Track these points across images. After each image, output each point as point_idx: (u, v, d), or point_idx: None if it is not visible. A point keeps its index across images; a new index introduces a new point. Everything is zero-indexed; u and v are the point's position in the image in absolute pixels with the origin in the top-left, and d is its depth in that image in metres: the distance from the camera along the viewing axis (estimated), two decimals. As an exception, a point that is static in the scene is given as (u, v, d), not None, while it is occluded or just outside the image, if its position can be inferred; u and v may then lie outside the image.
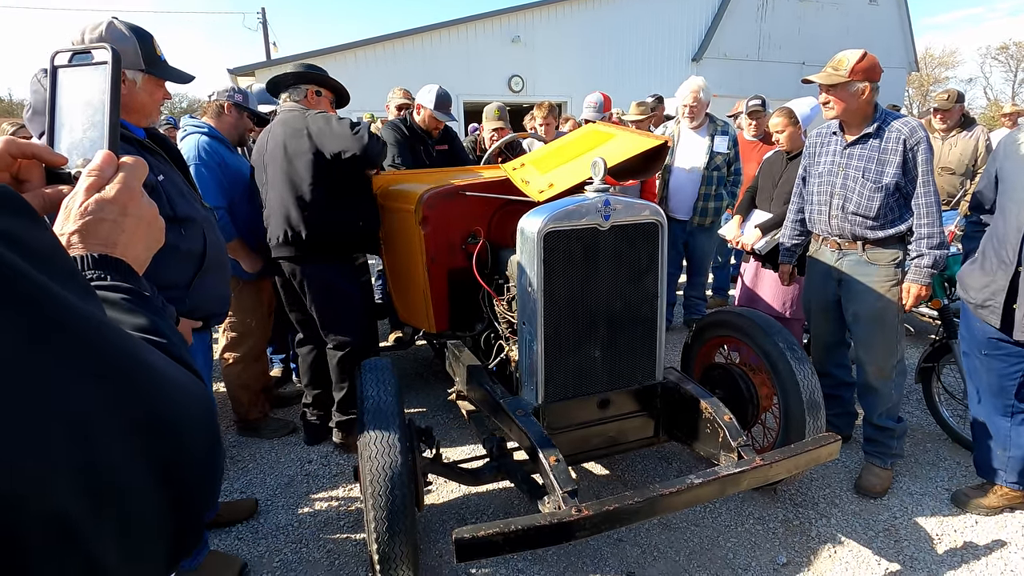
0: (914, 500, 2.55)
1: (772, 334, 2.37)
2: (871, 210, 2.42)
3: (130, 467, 0.38)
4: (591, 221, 2.00)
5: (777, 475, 1.92)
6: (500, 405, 2.15)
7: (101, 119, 0.67)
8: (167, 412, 0.42)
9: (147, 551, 0.39)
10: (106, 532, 0.36)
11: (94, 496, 0.35)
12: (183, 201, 1.81)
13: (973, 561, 2.20)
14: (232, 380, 3.10)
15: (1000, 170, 2.23)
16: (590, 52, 12.69)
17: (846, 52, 2.40)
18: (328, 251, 2.77)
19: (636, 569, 2.18)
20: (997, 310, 2.14)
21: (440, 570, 2.18)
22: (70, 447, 0.34)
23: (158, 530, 0.40)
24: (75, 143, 0.68)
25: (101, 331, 0.40)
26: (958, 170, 4.67)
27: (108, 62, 0.67)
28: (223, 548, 2.32)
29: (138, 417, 0.39)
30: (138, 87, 1.72)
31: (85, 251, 0.55)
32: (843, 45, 2.77)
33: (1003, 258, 2.13)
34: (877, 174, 2.39)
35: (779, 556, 2.23)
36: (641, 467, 2.82)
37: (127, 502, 0.37)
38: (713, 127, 4.21)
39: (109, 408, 0.37)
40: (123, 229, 0.59)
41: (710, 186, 4.17)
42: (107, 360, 0.39)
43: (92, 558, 0.35)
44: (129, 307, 0.53)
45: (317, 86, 2.81)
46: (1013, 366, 2.24)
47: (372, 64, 11.31)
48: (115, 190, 0.60)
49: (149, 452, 0.39)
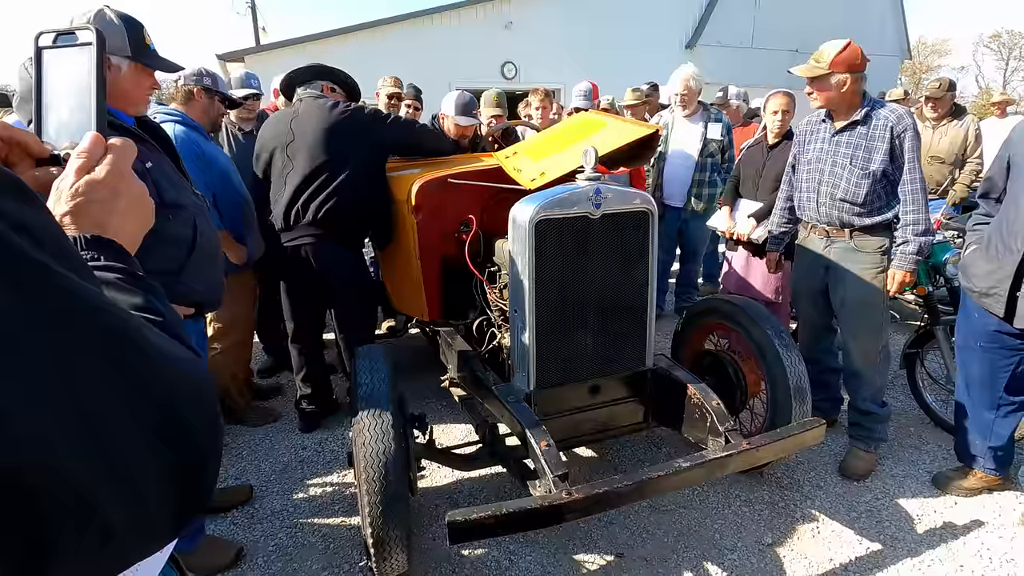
0: (896, 482, 2.62)
1: (761, 321, 2.41)
2: (858, 196, 2.45)
3: (135, 439, 0.40)
4: (582, 209, 2.02)
5: (763, 458, 1.97)
6: (492, 391, 2.19)
7: (88, 101, 0.67)
8: (168, 386, 0.44)
9: (152, 519, 0.42)
10: (115, 500, 0.38)
11: (104, 467, 0.37)
12: (171, 188, 1.82)
13: (951, 540, 2.26)
14: (219, 369, 3.11)
15: (1013, 155, 2.17)
16: (584, 39, 12.59)
17: (829, 43, 2.41)
18: (357, 235, 2.94)
19: (626, 550, 2.23)
20: (1002, 298, 2.13)
21: (433, 553, 2.22)
22: (78, 421, 0.36)
23: (162, 500, 0.42)
24: (63, 125, 0.68)
25: (103, 309, 0.42)
26: (947, 159, 4.71)
27: (92, 43, 0.67)
28: (218, 533, 2.35)
29: (142, 392, 0.41)
30: (123, 74, 1.71)
31: (78, 232, 0.56)
32: (836, 32, 2.79)
33: (1011, 246, 2.10)
34: (864, 161, 2.42)
35: (764, 536, 2.29)
36: (631, 451, 2.87)
37: (133, 473, 0.39)
38: (707, 114, 4.23)
39: (114, 384, 0.39)
40: (114, 210, 0.60)
41: (704, 172, 4.20)
42: (109, 337, 0.41)
43: (104, 524, 0.37)
44: (124, 286, 0.54)
45: (331, 82, 2.89)
46: (1007, 359, 2.26)
47: (363, 50, 11.17)
48: (105, 171, 0.60)
49: (153, 425, 0.41)
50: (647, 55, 12.44)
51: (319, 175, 2.72)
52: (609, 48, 12.69)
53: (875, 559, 2.17)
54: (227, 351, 3.07)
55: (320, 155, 2.71)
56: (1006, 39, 32.60)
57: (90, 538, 0.37)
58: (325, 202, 2.73)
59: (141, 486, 0.40)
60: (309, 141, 2.72)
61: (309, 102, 2.82)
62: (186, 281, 1.87)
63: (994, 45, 33.25)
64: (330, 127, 2.71)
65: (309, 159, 2.72)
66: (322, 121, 2.72)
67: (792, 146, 2.83)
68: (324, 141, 2.70)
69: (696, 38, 13.84)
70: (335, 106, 2.76)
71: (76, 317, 0.38)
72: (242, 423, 3.19)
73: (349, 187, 2.74)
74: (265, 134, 2.91)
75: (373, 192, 2.84)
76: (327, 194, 2.73)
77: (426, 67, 10.89)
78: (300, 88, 2.91)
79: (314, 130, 2.72)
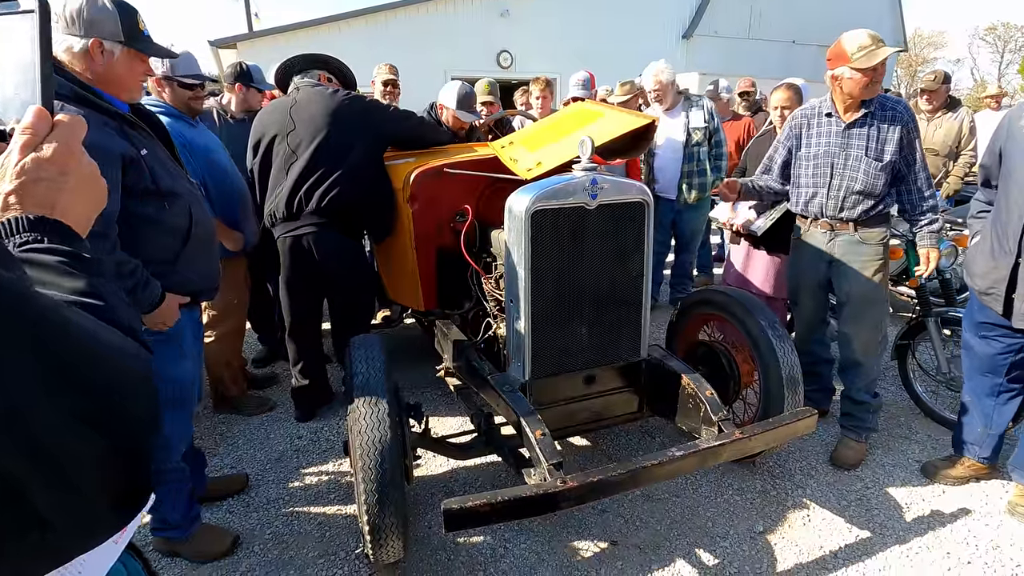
0: (886, 471, 2.65)
1: (755, 313, 2.43)
2: (876, 188, 2.48)
3: (54, 424, 0.39)
4: (578, 200, 2.02)
5: (756, 448, 1.99)
6: (488, 381, 2.19)
7: (33, 74, 0.64)
8: (96, 372, 0.43)
9: (89, 507, 0.41)
10: (42, 484, 0.37)
11: (23, 451, 0.37)
12: (167, 175, 1.80)
13: (939, 528, 2.30)
14: (213, 357, 3.11)
15: (1003, 149, 2.20)
16: (580, 28, 12.51)
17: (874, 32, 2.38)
18: (358, 225, 2.94)
19: (619, 538, 2.25)
20: (1000, 298, 2.17)
21: (429, 540, 2.24)
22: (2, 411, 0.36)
23: (98, 485, 0.42)
24: (8, 100, 0.65)
25: (24, 298, 0.41)
26: (941, 151, 4.73)
27: (35, 10, 0.64)
28: (215, 522, 2.36)
29: (62, 377, 0.40)
30: (116, 59, 1.70)
31: (21, 212, 0.54)
32: (834, 24, 2.78)
33: (1004, 247, 2.13)
34: (879, 152, 2.45)
35: (756, 525, 2.32)
36: (625, 441, 2.89)
37: (58, 457, 0.39)
38: (688, 103, 4.21)
39: (28, 369, 0.38)
40: (62, 189, 0.58)
41: (692, 162, 4.19)
42: (24, 323, 0.39)
43: (35, 509, 0.37)
44: (65, 270, 0.52)
45: (327, 71, 2.89)
46: (1008, 348, 2.30)
47: (357, 37, 11.06)
48: (52, 149, 0.58)
49: (77, 410, 0.41)
50: (644, 45, 12.37)
51: (322, 163, 2.70)
52: (606, 38, 12.61)
53: (864, 547, 2.21)
54: (221, 338, 3.07)
55: (324, 142, 2.69)
56: (1001, 32, 32.64)
57: (25, 525, 0.36)
58: (328, 191, 2.71)
59: (70, 471, 0.39)
60: (312, 128, 2.70)
61: (307, 90, 2.79)
62: (181, 270, 1.86)
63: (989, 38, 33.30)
64: (333, 113, 2.69)
65: (312, 146, 2.70)
66: (325, 108, 2.70)
67: (783, 134, 2.80)
68: (327, 127, 2.69)
69: (693, 28, 13.77)
70: (336, 92, 2.75)
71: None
72: (237, 412, 3.20)
73: (352, 176, 2.73)
74: (263, 121, 2.88)
75: (374, 183, 2.82)
76: (331, 183, 2.71)
77: (421, 55, 10.82)
78: (297, 77, 2.89)
79: (316, 116, 2.70)
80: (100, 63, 1.66)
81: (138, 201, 1.71)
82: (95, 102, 1.64)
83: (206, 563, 2.14)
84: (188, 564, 2.13)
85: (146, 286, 1.70)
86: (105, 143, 1.61)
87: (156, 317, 1.77)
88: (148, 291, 1.71)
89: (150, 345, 1.94)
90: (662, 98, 4.14)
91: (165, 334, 1.84)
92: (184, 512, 2.11)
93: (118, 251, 1.64)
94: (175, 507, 2.08)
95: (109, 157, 1.60)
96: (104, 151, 1.59)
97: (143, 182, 1.71)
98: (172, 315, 1.82)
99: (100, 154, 1.59)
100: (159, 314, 1.77)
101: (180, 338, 1.92)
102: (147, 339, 1.89)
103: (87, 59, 1.65)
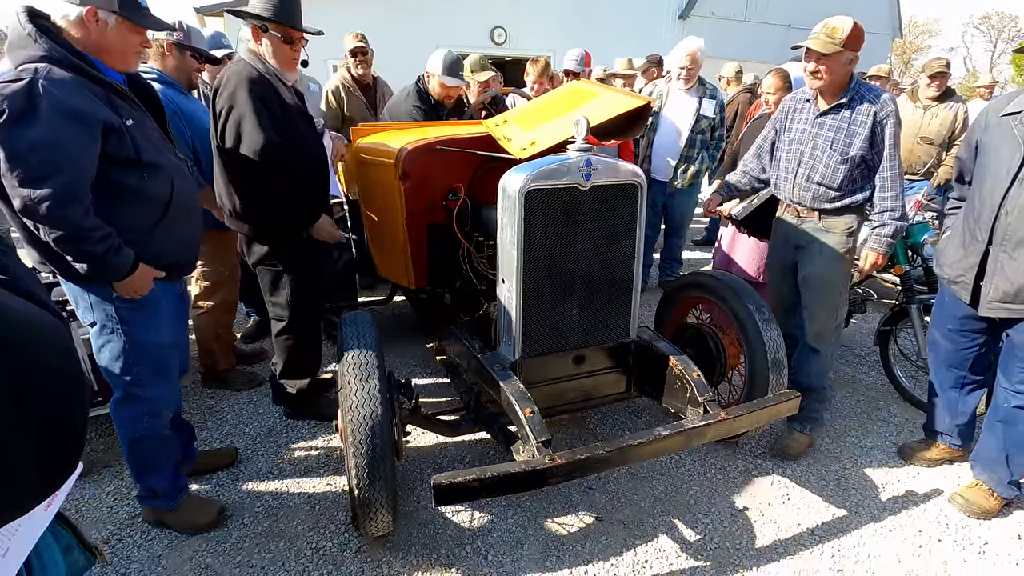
0: (864, 453, 2.73)
1: (742, 296, 2.45)
2: (834, 181, 2.44)
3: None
4: (572, 180, 2.02)
5: (740, 428, 2.03)
6: (478, 360, 2.21)
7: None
8: (3, 343, 0.44)
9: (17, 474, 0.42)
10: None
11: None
12: (150, 147, 1.81)
13: (912, 507, 2.38)
14: (204, 329, 3.09)
15: (979, 141, 2.21)
16: (575, 6, 12.29)
17: (837, 19, 2.30)
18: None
19: (604, 514, 2.30)
20: (968, 286, 2.20)
21: (418, 515, 2.27)
22: None
23: (20, 454, 0.42)
24: None
25: None
26: (936, 140, 4.76)
27: None
28: (204, 495, 2.37)
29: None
30: (110, 28, 1.70)
31: None
32: (830, 8, 2.75)
33: (976, 235, 2.15)
34: (844, 145, 2.40)
35: (737, 503, 2.38)
36: (612, 420, 2.94)
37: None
38: (702, 90, 4.20)
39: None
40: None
41: (691, 148, 4.20)
42: None
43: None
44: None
45: (256, 20, 2.37)
46: (972, 342, 2.35)
47: (350, 10, 10.79)
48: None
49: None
50: (639, 24, 12.22)
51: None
52: (601, 16, 12.42)
53: (840, 524, 2.28)
54: (212, 311, 3.05)
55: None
56: (996, 21, 32.66)
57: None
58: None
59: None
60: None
61: (234, 65, 2.38)
62: (159, 240, 1.87)
63: (984, 27, 33.31)
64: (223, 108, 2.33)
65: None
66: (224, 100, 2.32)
67: (772, 120, 2.79)
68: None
69: (689, 8, 13.59)
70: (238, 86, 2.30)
71: None
72: (225, 386, 3.19)
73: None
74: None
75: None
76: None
77: (414, 29, 10.59)
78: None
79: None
80: (94, 31, 1.68)
81: (119, 169, 1.73)
82: (85, 69, 1.65)
83: (195, 534, 2.15)
84: (178, 536, 2.15)
85: (118, 252, 1.73)
86: (87, 109, 1.62)
87: (128, 286, 1.81)
88: (120, 258, 1.74)
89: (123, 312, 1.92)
90: (691, 76, 4.14)
91: (138, 301, 1.87)
92: (171, 481, 2.12)
93: (91, 216, 1.66)
94: (163, 476, 2.10)
95: (88, 122, 1.62)
96: (85, 116, 1.61)
97: (124, 151, 1.72)
98: (144, 285, 1.85)
99: (80, 119, 1.58)
100: (130, 283, 1.81)
101: (154, 304, 1.93)
102: (119, 306, 1.85)
103: (82, 27, 1.67)
